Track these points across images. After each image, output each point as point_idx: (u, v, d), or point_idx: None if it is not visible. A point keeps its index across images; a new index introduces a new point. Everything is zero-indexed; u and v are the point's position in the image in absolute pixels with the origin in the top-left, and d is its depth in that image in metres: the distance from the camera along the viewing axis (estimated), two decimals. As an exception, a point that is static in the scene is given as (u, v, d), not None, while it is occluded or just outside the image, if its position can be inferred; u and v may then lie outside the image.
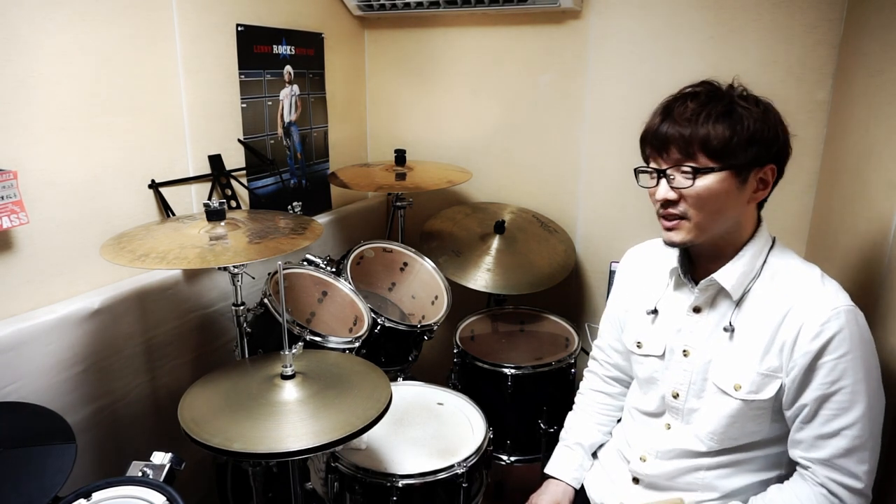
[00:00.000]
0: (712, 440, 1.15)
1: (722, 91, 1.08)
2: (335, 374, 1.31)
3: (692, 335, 1.18)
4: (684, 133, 1.05)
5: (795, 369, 1.05)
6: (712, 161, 1.05)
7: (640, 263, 1.34)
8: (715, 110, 1.04)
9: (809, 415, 1.05)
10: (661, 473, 1.22)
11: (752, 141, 1.04)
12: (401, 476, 1.33)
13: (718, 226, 1.10)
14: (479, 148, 2.38)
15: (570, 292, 2.33)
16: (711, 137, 1.04)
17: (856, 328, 1.02)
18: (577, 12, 2.09)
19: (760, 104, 1.08)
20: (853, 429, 1.02)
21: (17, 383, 1.32)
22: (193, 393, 1.25)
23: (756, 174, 1.08)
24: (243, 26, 1.86)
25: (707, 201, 1.07)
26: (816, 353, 1.02)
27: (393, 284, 2.05)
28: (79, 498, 1.03)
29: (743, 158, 1.05)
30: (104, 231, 1.51)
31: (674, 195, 1.09)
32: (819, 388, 1.03)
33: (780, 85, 1.85)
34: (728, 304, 1.14)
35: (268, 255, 1.29)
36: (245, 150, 1.94)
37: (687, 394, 1.18)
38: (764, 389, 1.09)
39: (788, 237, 1.91)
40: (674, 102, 1.10)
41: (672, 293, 1.24)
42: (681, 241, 1.12)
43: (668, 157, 1.09)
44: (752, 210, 1.13)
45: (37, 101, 1.36)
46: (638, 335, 1.28)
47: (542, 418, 1.77)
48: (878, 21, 1.46)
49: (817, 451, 1.05)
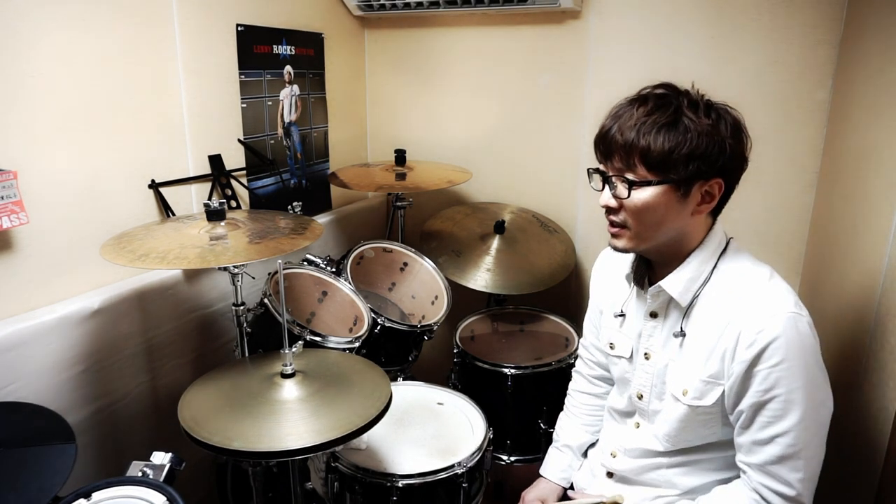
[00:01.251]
0: (668, 441, 1.17)
1: (672, 98, 1.05)
2: (335, 372, 1.31)
3: (651, 339, 1.20)
4: (627, 141, 1.03)
5: (733, 376, 1.05)
6: (651, 173, 1.03)
7: (609, 266, 1.36)
8: (659, 120, 1.01)
9: (746, 421, 1.06)
10: (628, 469, 1.26)
11: (693, 155, 1.01)
12: (401, 476, 1.33)
13: (659, 236, 1.09)
14: (479, 148, 2.38)
15: (570, 292, 2.33)
16: (651, 150, 1.01)
17: (794, 335, 1.00)
18: (577, 12, 2.09)
19: (712, 114, 1.03)
20: (787, 437, 1.02)
21: (17, 383, 1.32)
22: (193, 392, 1.25)
23: (700, 187, 1.05)
24: (243, 26, 1.86)
25: (644, 213, 1.06)
26: (751, 361, 1.02)
27: (393, 284, 2.05)
28: (79, 498, 1.03)
29: (683, 173, 1.01)
30: (104, 231, 1.51)
31: (614, 203, 1.09)
32: (754, 395, 1.03)
33: (780, 85, 1.85)
34: (679, 310, 1.14)
35: (268, 255, 1.29)
36: (245, 150, 1.94)
37: (650, 395, 1.21)
38: (707, 396, 1.09)
39: (788, 237, 1.92)
40: (625, 106, 1.08)
41: (634, 298, 1.26)
42: (622, 247, 1.12)
43: (612, 163, 1.08)
44: (700, 219, 1.10)
45: (37, 101, 1.36)
46: (610, 336, 1.31)
47: (542, 418, 1.77)
48: (878, 21, 1.46)
49: (753, 457, 1.06)
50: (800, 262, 1.92)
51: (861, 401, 1.32)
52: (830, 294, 1.58)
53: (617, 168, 1.07)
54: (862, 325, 1.35)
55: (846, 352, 1.41)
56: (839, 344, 1.45)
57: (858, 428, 1.32)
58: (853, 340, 1.39)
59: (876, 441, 1.24)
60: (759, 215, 1.95)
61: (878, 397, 1.25)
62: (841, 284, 1.52)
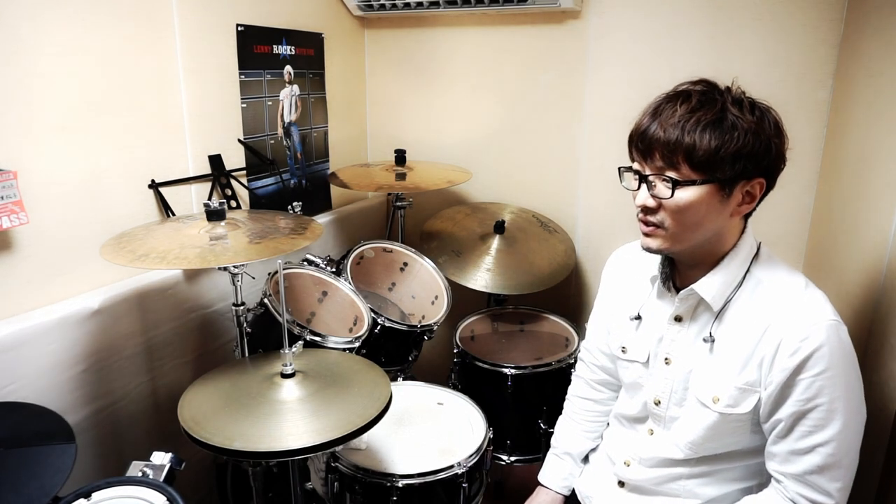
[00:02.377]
0: (690, 449, 1.14)
1: (716, 95, 1.02)
2: (335, 372, 1.31)
3: (674, 344, 1.16)
4: (670, 139, 1.00)
5: (773, 385, 1.02)
6: (695, 172, 1.00)
7: (625, 267, 1.32)
8: (704, 118, 0.98)
9: (785, 430, 1.03)
10: (644, 479, 1.22)
11: (739, 154, 0.98)
12: (401, 476, 1.33)
13: (697, 237, 1.06)
14: (479, 148, 2.38)
15: (570, 292, 2.33)
16: (697, 148, 0.98)
17: (837, 344, 0.99)
18: (577, 12, 2.09)
19: (756, 111, 1.01)
20: (828, 446, 1.00)
21: (17, 383, 1.32)
22: (193, 392, 1.25)
23: (742, 187, 1.03)
24: (243, 26, 1.86)
25: (686, 213, 1.03)
26: (794, 369, 0.99)
27: (393, 284, 2.05)
28: (79, 498, 1.03)
29: (729, 172, 0.99)
30: (104, 231, 1.51)
31: (653, 203, 1.05)
32: (795, 404, 1.01)
33: (780, 85, 1.85)
34: (709, 314, 1.11)
35: (268, 255, 1.29)
36: (245, 150, 1.94)
37: (668, 402, 1.17)
38: (742, 403, 1.06)
39: (788, 237, 1.92)
40: (664, 103, 1.04)
41: (654, 300, 1.21)
42: (657, 248, 1.09)
43: (651, 162, 1.04)
44: (736, 221, 1.08)
45: (37, 101, 1.36)
46: (622, 340, 1.27)
47: (542, 418, 1.77)
48: (878, 21, 1.46)
49: (791, 466, 1.04)
50: (800, 262, 1.92)
51: (861, 401, 1.32)
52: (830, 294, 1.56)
53: (657, 167, 1.03)
54: (862, 325, 1.34)
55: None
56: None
57: (858, 428, 1.32)
58: (853, 340, 1.38)
59: (876, 441, 1.24)
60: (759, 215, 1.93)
61: (878, 397, 1.24)
62: (841, 284, 1.52)
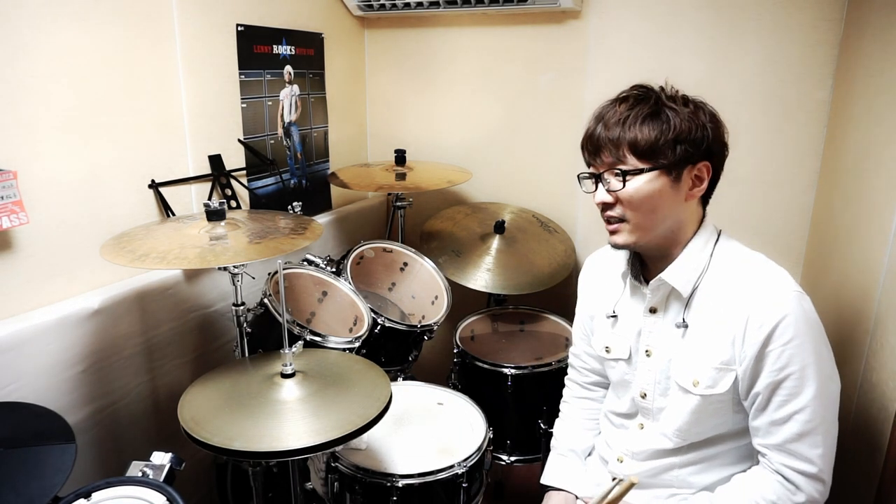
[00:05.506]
0: (678, 436, 1.17)
1: (651, 93, 1.11)
2: (335, 372, 1.31)
3: (651, 335, 1.21)
4: (614, 136, 1.09)
5: (746, 359, 1.07)
6: (641, 162, 1.08)
7: (598, 269, 1.38)
8: (642, 112, 1.08)
9: (763, 403, 1.07)
10: (638, 473, 1.24)
11: (679, 140, 1.06)
12: (401, 476, 1.33)
13: (658, 224, 1.12)
14: (479, 148, 2.38)
15: (570, 292, 2.31)
16: (639, 139, 1.07)
17: (801, 313, 1.04)
18: (577, 12, 2.09)
19: (690, 103, 1.10)
20: (804, 412, 1.04)
21: (17, 383, 1.31)
22: (193, 392, 1.25)
23: (690, 171, 1.10)
24: (243, 26, 1.86)
25: (641, 202, 1.09)
26: (763, 341, 1.04)
27: (393, 284, 2.05)
28: (79, 498, 1.03)
29: (672, 157, 1.07)
30: (104, 231, 1.51)
31: (610, 198, 1.12)
32: (769, 375, 1.05)
33: (780, 85, 1.85)
34: (680, 302, 1.16)
35: (268, 255, 1.29)
36: (245, 150, 1.94)
37: (654, 393, 1.21)
38: (720, 383, 1.10)
39: (788, 237, 1.92)
40: (607, 107, 1.13)
41: (628, 297, 1.26)
42: (623, 242, 1.15)
43: (601, 161, 1.13)
44: (692, 207, 1.15)
45: (37, 101, 1.36)
46: (604, 340, 1.31)
47: (542, 418, 1.77)
48: (878, 21, 1.46)
49: (771, 437, 1.08)
50: (800, 262, 1.92)
51: (861, 401, 1.32)
52: (830, 294, 1.58)
53: (607, 163, 1.12)
54: (862, 325, 1.35)
55: (846, 351, 1.40)
56: (839, 344, 1.44)
57: (858, 428, 1.32)
58: (853, 340, 1.39)
59: (876, 441, 1.24)
60: (759, 215, 1.95)
61: (878, 397, 1.25)
62: (841, 284, 1.52)
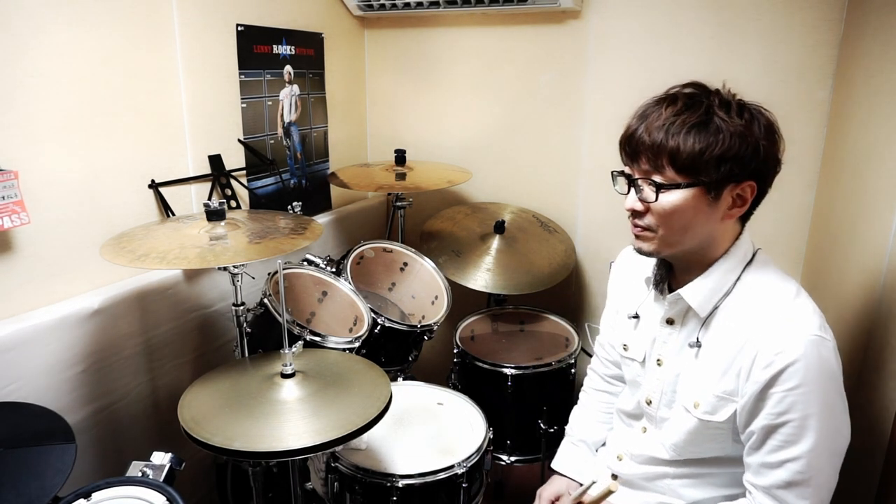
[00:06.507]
0: (674, 451, 1.15)
1: (703, 98, 1.00)
2: (335, 372, 1.31)
3: (665, 346, 1.17)
4: (654, 142, 0.99)
5: (746, 396, 1.01)
6: (680, 176, 0.99)
7: (629, 266, 1.32)
8: (689, 120, 0.97)
9: (757, 442, 1.02)
10: (634, 474, 1.24)
11: (725, 157, 0.97)
12: (401, 476, 1.33)
13: (687, 241, 1.05)
14: (479, 148, 2.38)
15: (570, 292, 2.33)
16: (681, 150, 0.97)
17: (815, 360, 0.96)
18: (577, 12, 2.09)
19: (745, 114, 0.99)
20: (797, 463, 0.98)
21: (17, 383, 1.32)
22: (193, 392, 1.25)
23: (731, 190, 1.01)
24: (243, 26, 1.86)
25: (672, 217, 1.02)
26: (766, 382, 0.98)
27: (393, 284, 2.05)
28: (79, 498, 1.03)
29: (714, 175, 0.98)
30: (104, 231, 1.51)
31: (640, 207, 1.05)
32: (766, 417, 0.99)
33: (780, 85, 1.85)
34: (697, 319, 1.10)
35: (268, 255, 1.29)
36: (245, 150, 1.94)
37: (659, 402, 1.18)
38: (719, 411, 1.06)
39: (788, 237, 1.92)
40: (652, 106, 1.04)
41: (651, 301, 1.21)
42: (648, 251, 1.09)
43: (638, 165, 1.04)
44: (729, 224, 1.07)
45: (37, 101, 1.36)
46: (624, 338, 1.28)
47: (542, 418, 1.77)
48: (878, 21, 1.46)
49: (761, 479, 1.03)
50: (800, 262, 1.92)
51: (861, 401, 1.32)
52: (830, 294, 1.58)
53: (644, 170, 1.03)
54: (862, 325, 1.35)
55: (846, 352, 1.40)
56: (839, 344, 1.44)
57: (858, 428, 1.31)
58: (853, 341, 1.39)
59: (876, 441, 1.24)
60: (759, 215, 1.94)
61: (878, 397, 1.25)
62: (841, 284, 1.52)
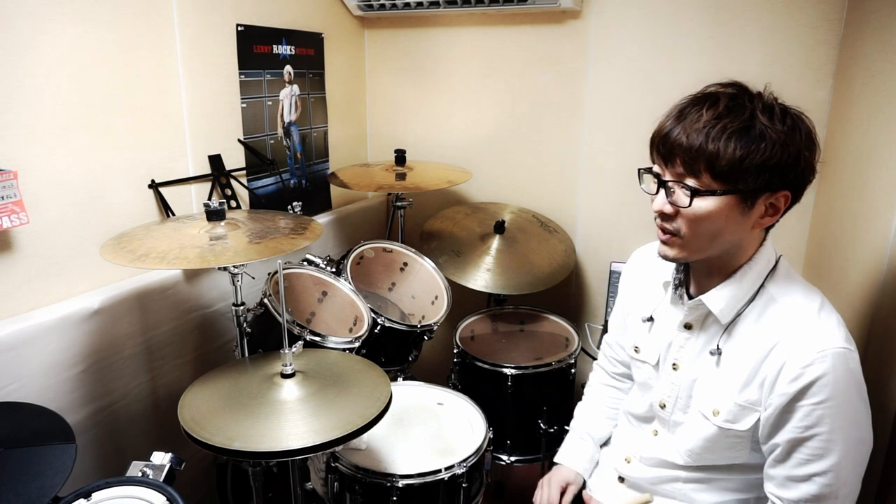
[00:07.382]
0: (689, 456, 1.14)
1: (745, 101, 0.96)
2: (335, 372, 1.31)
3: (682, 351, 1.15)
4: (693, 145, 0.94)
5: (771, 408, 0.99)
6: (716, 182, 0.95)
7: (642, 267, 1.30)
8: (731, 125, 0.93)
9: (782, 455, 1.00)
10: (643, 477, 1.23)
11: (765, 166, 0.93)
12: (401, 476, 1.33)
13: (714, 248, 1.03)
14: (479, 148, 2.38)
15: (570, 292, 2.33)
16: (720, 157, 0.93)
17: (843, 373, 0.94)
18: (577, 12, 2.09)
19: (788, 120, 0.95)
20: (825, 476, 0.97)
21: (17, 383, 1.32)
22: (193, 392, 1.25)
23: (766, 199, 0.97)
24: (243, 26, 1.86)
25: (703, 224, 0.99)
26: (794, 395, 0.96)
27: (393, 284, 2.05)
28: (79, 498, 1.03)
29: (752, 184, 0.94)
30: (104, 231, 1.51)
31: (670, 209, 1.01)
32: (793, 430, 0.97)
33: (780, 85, 1.81)
34: (718, 326, 1.09)
35: (268, 255, 1.29)
36: (245, 150, 1.94)
37: (673, 407, 1.16)
38: (741, 420, 1.05)
39: (788, 237, 1.92)
40: (690, 106, 0.99)
41: (668, 305, 1.20)
42: (672, 256, 1.06)
43: (672, 167, 1.00)
44: (756, 233, 1.04)
45: (37, 101, 1.36)
46: (636, 340, 1.27)
47: (542, 418, 1.77)
48: (878, 21, 1.46)
49: (787, 492, 1.01)
50: (800, 262, 1.92)
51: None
52: (830, 294, 1.56)
53: (677, 173, 0.99)
54: (862, 325, 1.35)
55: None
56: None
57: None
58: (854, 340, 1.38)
59: (876, 441, 1.23)
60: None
61: (879, 397, 1.24)
62: (841, 284, 1.52)
